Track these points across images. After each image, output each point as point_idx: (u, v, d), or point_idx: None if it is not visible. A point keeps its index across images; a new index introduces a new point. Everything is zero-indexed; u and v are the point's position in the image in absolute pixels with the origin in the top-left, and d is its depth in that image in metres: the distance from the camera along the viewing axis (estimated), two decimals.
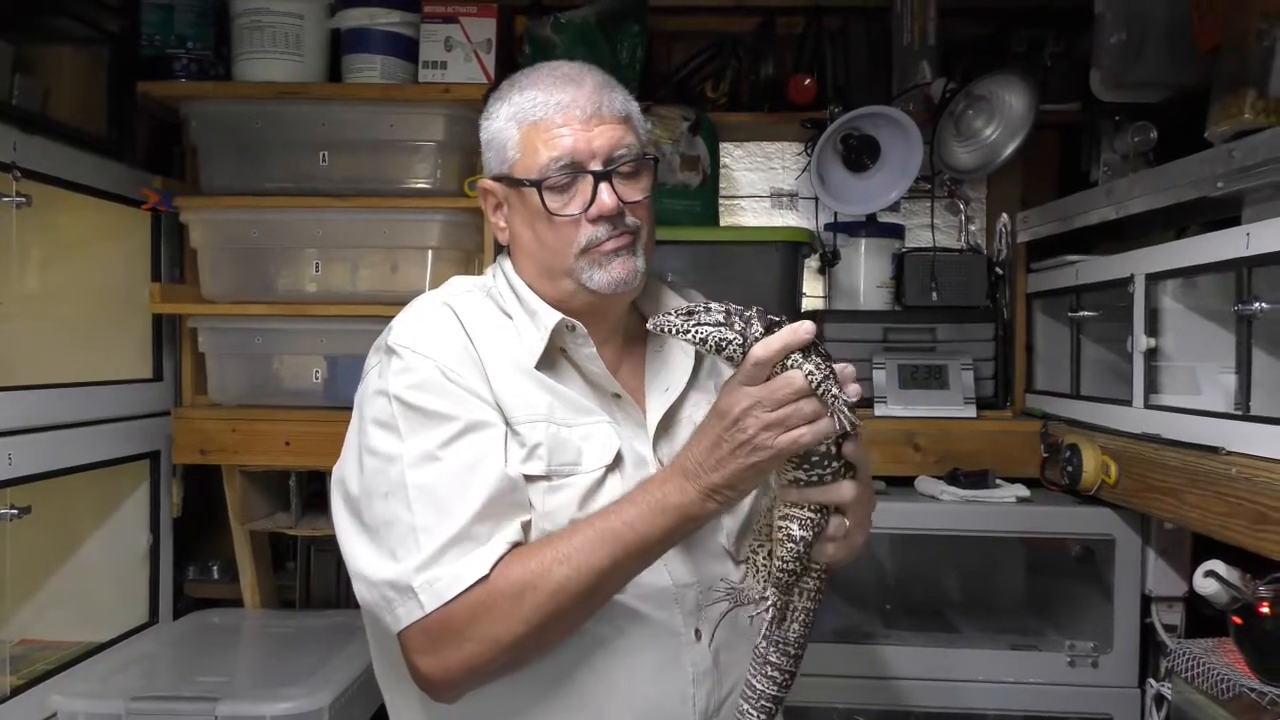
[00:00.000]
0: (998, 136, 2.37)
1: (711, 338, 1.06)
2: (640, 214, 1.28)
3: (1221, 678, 1.52)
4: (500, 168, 1.29)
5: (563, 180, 1.23)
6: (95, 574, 2.33)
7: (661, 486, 1.11)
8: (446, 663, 1.12)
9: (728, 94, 2.58)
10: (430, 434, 1.16)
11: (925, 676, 2.16)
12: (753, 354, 1.05)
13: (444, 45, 2.29)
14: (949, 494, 2.18)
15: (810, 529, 1.11)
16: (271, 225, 2.30)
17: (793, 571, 1.12)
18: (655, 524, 1.11)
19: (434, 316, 1.26)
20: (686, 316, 1.07)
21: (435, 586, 1.10)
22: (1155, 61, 2.12)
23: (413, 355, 1.20)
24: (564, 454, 1.21)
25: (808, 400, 1.06)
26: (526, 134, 1.25)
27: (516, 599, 1.10)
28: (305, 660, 2.06)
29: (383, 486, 1.16)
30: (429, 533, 1.12)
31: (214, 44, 2.36)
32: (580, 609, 1.13)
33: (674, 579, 1.23)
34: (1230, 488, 1.51)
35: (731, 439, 1.07)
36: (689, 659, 1.23)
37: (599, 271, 1.25)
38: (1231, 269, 1.56)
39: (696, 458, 1.10)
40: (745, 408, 1.06)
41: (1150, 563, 2.09)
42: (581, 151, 1.23)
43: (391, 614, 1.13)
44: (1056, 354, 2.35)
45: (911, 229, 2.64)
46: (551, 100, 1.24)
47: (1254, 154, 1.50)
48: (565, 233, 1.24)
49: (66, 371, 2.12)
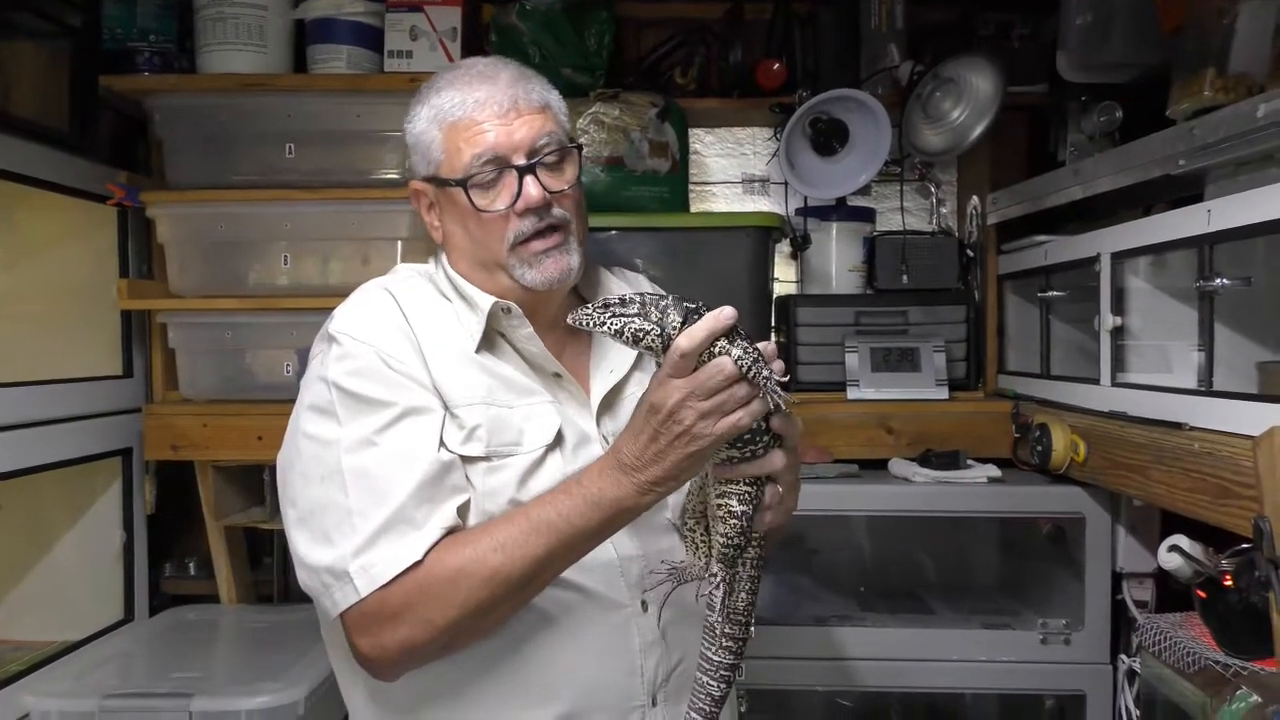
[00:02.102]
0: (965, 119, 2.38)
1: (628, 329, 1.06)
2: (568, 205, 1.29)
3: (1187, 651, 1.54)
4: (427, 169, 1.31)
5: (488, 177, 1.25)
6: (69, 573, 2.32)
7: (598, 480, 1.12)
8: (383, 643, 1.14)
9: (697, 80, 2.57)
10: (367, 420, 1.17)
11: (901, 657, 2.17)
12: (678, 345, 1.05)
13: (409, 34, 2.27)
14: (921, 476, 2.19)
15: (749, 503, 1.13)
16: (239, 219, 2.28)
17: (737, 546, 1.13)
18: (591, 517, 1.12)
19: (375, 303, 1.27)
20: (602, 309, 1.07)
21: (371, 571, 1.12)
22: (1121, 43, 2.13)
23: (352, 342, 1.21)
24: (504, 435, 1.23)
25: (739, 384, 1.06)
26: (448, 134, 1.27)
27: (451, 584, 1.11)
28: (282, 655, 2.05)
29: (319, 471, 1.17)
30: (364, 516, 1.13)
31: (177, 37, 2.34)
32: (515, 596, 1.15)
33: (619, 552, 1.25)
34: (1194, 463, 1.53)
35: (669, 431, 1.07)
36: (636, 630, 1.25)
37: (530, 270, 1.27)
38: (1193, 246, 1.57)
39: (634, 452, 1.10)
40: (679, 400, 1.06)
41: (1120, 540, 2.11)
42: (503, 146, 1.24)
43: (330, 598, 1.14)
44: (1027, 335, 2.36)
45: (882, 212, 2.64)
46: (469, 98, 1.26)
47: (1214, 131, 1.51)
48: (494, 228, 1.26)
49: (35, 369, 2.10)
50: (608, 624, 1.24)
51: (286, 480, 1.22)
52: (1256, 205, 1.40)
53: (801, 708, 2.24)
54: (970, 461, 2.24)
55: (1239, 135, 1.45)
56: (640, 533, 1.26)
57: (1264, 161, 1.47)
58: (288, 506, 1.22)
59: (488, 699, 1.21)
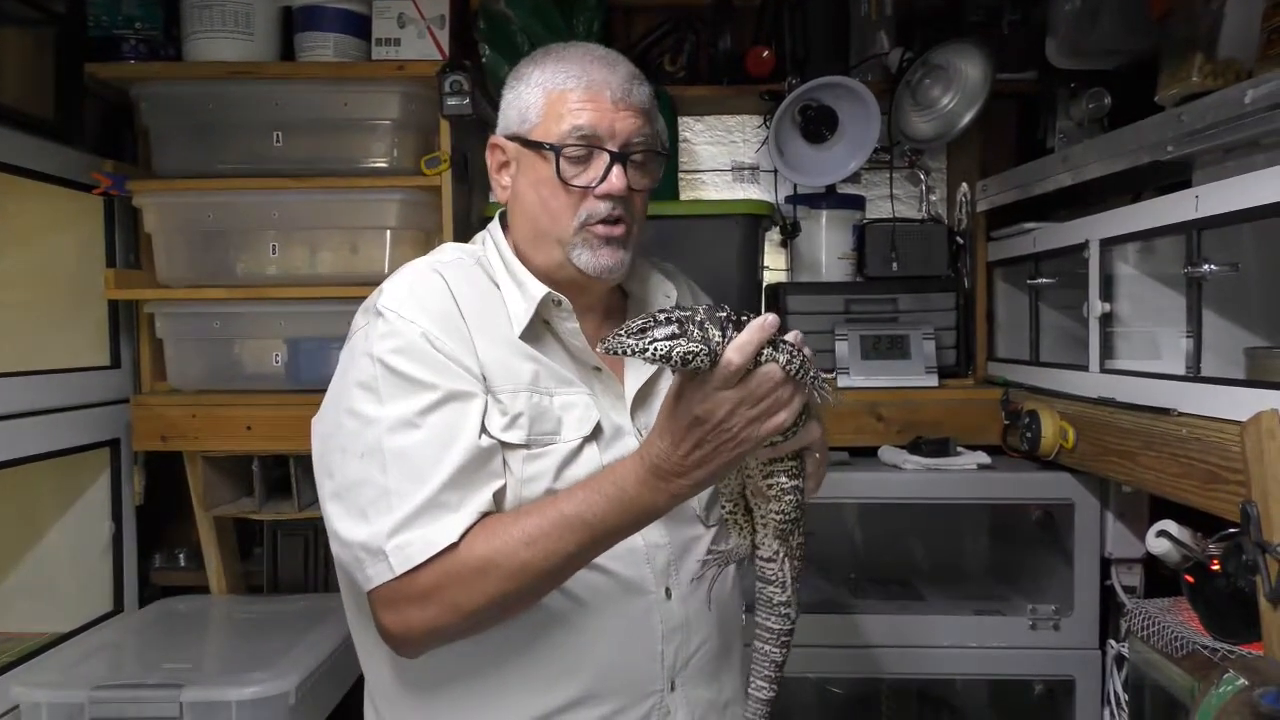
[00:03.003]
0: (955, 106, 2.39)
1: (675, 353, 1.03)
2: (638, 205, 1.31)
3: (1176, 636, 1.55)
4: (518, 127, 1.30)
5: (579, 152, 1.26)
6: (58, 564, 2.31)
7: (634, 486, 1.12)
8: (409, 622, 1.15)
9: (686, 67, 2.57)
10: (410, 400, 1.17)
11: (893, 644, 2.18)
12: (729, 361, 1.05)
13: (397, 22, 2.26)
14: (912, 463, 2.19)
15: (797, 476, 1.17)
16: (227, 208, 2.27)
17: (794, 519, 1.19)
18: (623, 519, 1.13)
19: (423, 282, 1.27)
20: (639, 335, 1.04)
21: (405, 551, 1.13)
22: (1109, 29, 2.13)
23: (399, 319, 1.21)
24: (544, 424, 1.24)
25: (784, 386, 1.08)
26: (553, 101, 1.27)
27: (480, 573, 1.13)
28: (272, 645, 2.05)
29: (359, 447, 1.17)
30: (401, 497, 1.14)
31: (163, 24, 2.31)
32: (541, 588, 1.17)
33: (646, 540, 1.26)
34: (1182, 448, 1.53)
35: (716, 438, 1.08)
36: (659, 616, 1.27)
37: (588, 253, 1.28)
38: (1182, 232, 1.57)
39: (674, 460, 1.10)
40: (729, 410, 1.07)
41: (1109, 525, 2.12)
42: (603, 130, 1.26)
43: (363, 573, 1.16)
44: (1016, 322, 2.37)
45: (872, 200, 2.65)
46: (586, 76, 1.27)
47: (1202, 117, 1.51)
48: (569, 202, 1.27)
49: (22, 360, 2.09)
50: (632, 609, 1.25)
51: (325, 450, 1.22)
52: (1244, 191, 1.40)
53: (793, 695, 2.25)
54: (960, 449, 2.24)
55: (1227, 121, 1.45)
56: (667, 521, 1.28)
57: (1251, 147, 1.47)
58: (324, 477, 1.22)
59: (508, 678, 1.23)
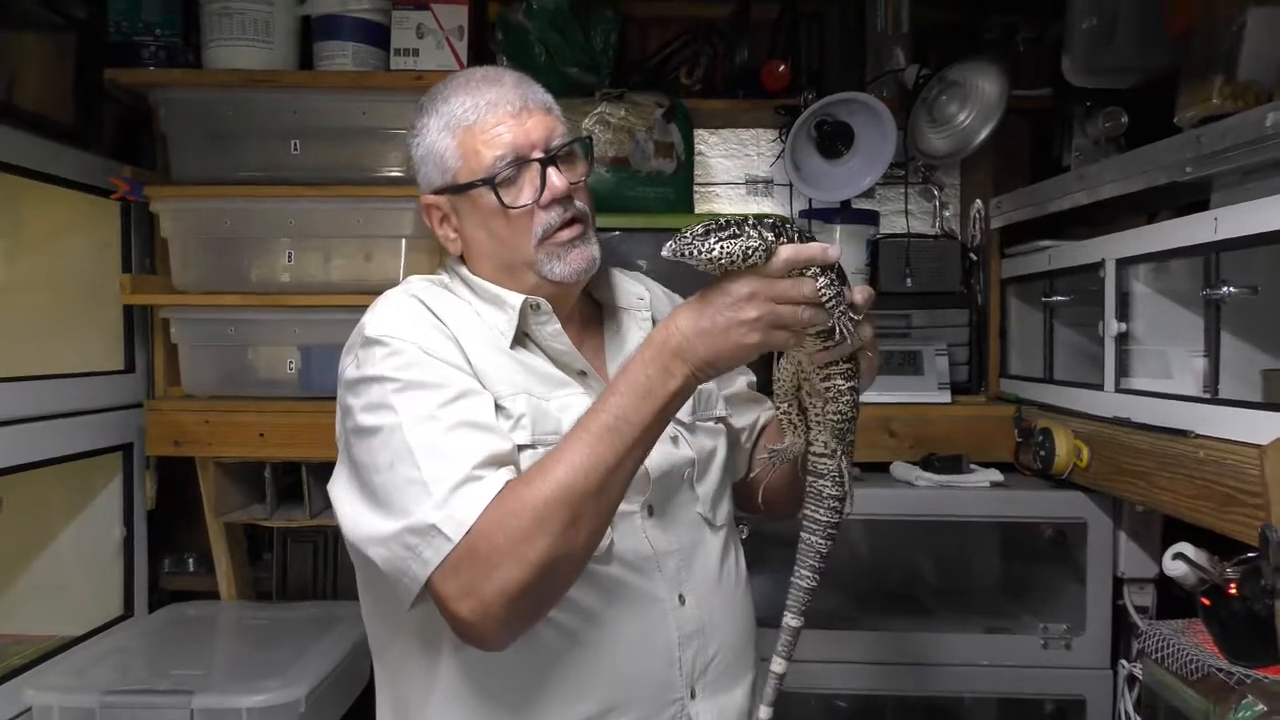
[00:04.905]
0: (970, 122, 2.38)
1: (738, 247, 1.05)
2: (583, 197, 1.31)
3: (1190, 658, 1.54)
4: (442, 179, 1.31)
5: (510, 173, 1.26)
6: (69, 568, 2.32)
7: (645, 370, 1.12)
8: (483, 596, 1.10)
9: (702, 80, 2.57)
10: (426, 397, 1.17)
11: (901, 661, 2.17)
12: (783, 252, 1.07)
13: (416, 32, 2.27)
14: (924, 480, 2.19)
15: (853, 377, 1.19)
16: (243, 215, 2.27)
17: (852, 418, 1.21)
18: (644, 409, 1.11)
19: (405, 306, 1.27)
20: (703, 237, 1.06)
21: (456, 516, 1.10)
22: (1126, 47, 2.13)
23: (395, 340, 1.21)
24: (545, 423, 1.24)
25: (810, 310, 1.09)
26: (462, 140, 1.28)
27: (533, 512, 1.09)
28: (281, 652, 2.05)
29: (386, 458, 1.16)
30: (439, 481, 1.12)
31: (183, 31, 2.33)
32: (595, 509, 1.12)
33: (655, 547, 1.27)
34: (1199, 470, 1.53)
35: (732, 313, 1.08)
36: (674, 623, 1.26)
37: (558, 263, 1.28)
38: (1200, 254, 1.57)
39: (687, 331, 1.10)
40: (752, 290, 1.07)
41: (1122, 545, 2.12)
42: (522, 144, 1.26)
43: (419, 559, 1.11)
44: (1030, 339, 2.36)
45: (886, 215, 2.65)
46: (480, 101, 1.27)
47: (1221, 139, 1.51)
48: (521, 225, 1.27)
49: (37, 364, 2.09)
50: (646, 618, 1.25)
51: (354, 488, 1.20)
52: (1264, 215, 1.40)
53: (799, 711, 2.24)
54: (973, 465, 2.24)
55: (1247, 143, 1.45)
56: (674, 526, 1.29)
57: (1272, 170, 1.47)
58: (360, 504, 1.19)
59: (531, 696, 1.22)
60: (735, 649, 1.34)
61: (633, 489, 1.18)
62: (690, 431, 1.35)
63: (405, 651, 1.27)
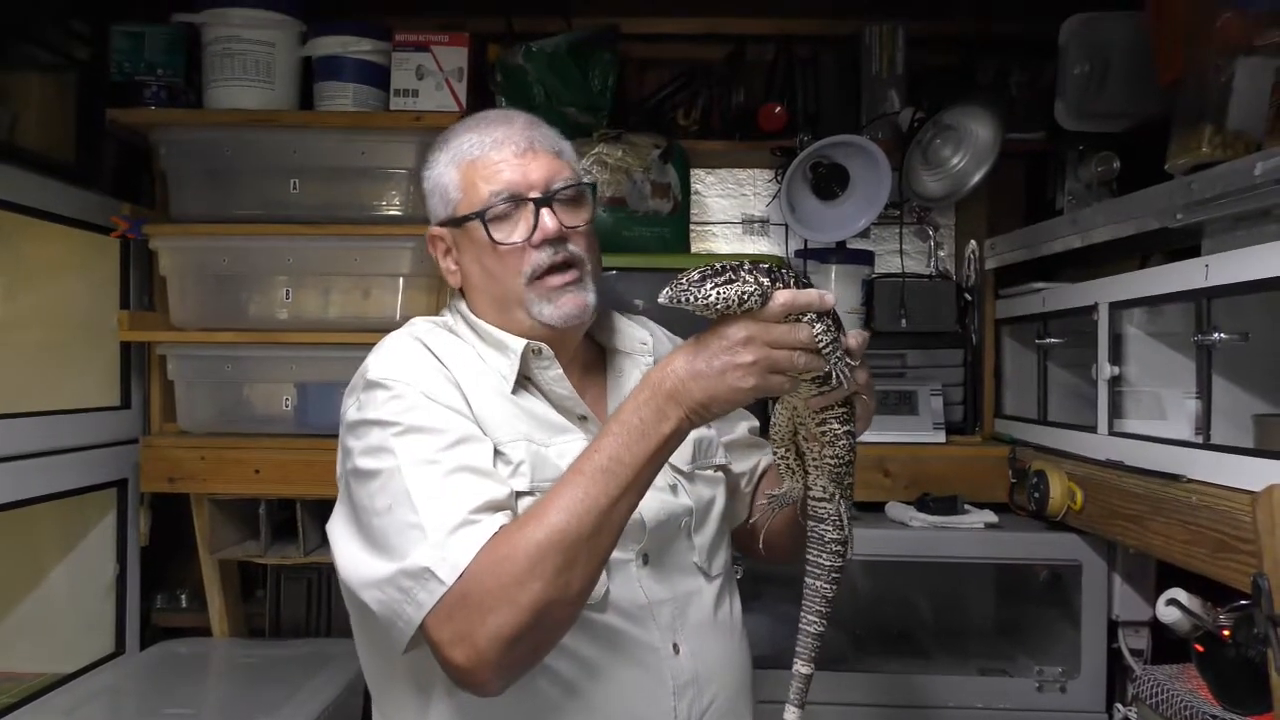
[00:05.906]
0: (965, 165, 2.40)
1: (733, 292, 1.06)
2: (582, 243, 1.32)
3: (1184, 704, 1.54)
4: (445, 211, 1.33)
5: (505, 210, 1.28)
6: (60, 604, 2.31)
7: (639, 411, 1.12)
8: (476, 642, 1.08)
9: (699, 121, 2.60)
10: (427, 441, 1.17)
11: (895, 703, 2.16)
12: (780, 297, 1.08)
13: (415, 73, 2.30)
14: (918, 520, 2.19)
15: (849, 421, 1.20)
16: (242, 252, 2.29)
17: (849, 462, 1.21)
18: (639, 450, 1.11)
19: (408, 350, 1.28)
20: (699, 283, 1.07)
21: (450, 559, 1.09)
22: (1118, 92, 2.16)
23: (396, 384, 1.22)
24: (544, 470, 1.23)
25: (805, 355, 1.10)
26: (466, 173, 1.31)
27: (526, 556, 1.08)
28: (275, 690, 2.04)
29: (385, 502, 1.16)
30: (435, 525, 1.12)
31: (184, 71, 2.35)
32: (590, 552, 1.11)
33: (649, 596, 1.26)
34: (1192, 515, 1.53)
35: (728, 356, 1.08)
36: (669, 672, 1.26)
37: (549, 306, 1.29)
38: (1191, 299, 1.58)
39: (682, 373, 1.10)
40: (749, 335, 1.08)
41: (1116, 588, 2.11)
42: (519, 183, 1.28)
43: (413, 602, 1.10)
44: (1024, 380, 2.37)
45: (881, 255, 2.66)
46: (486, 139, 1.31)
47: (1212, 187, 1.52)
48: (511, 262, 1.29)
49: (33, 399, 2.10)
50: (641, 667, 1.24)
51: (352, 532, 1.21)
52: (1255, 262, 1.41)
53: None
54: (967, 506, 2.24)
55: (1237, 191, 1.46)
56: (668, 575, 1.29)
57: (1262, 217, 1.49)
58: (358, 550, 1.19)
59: None
60: (731, 695, 1.34)
61: (629, 537, 1.18)
62: (689, 480, 1.35)
63: (399, 697, 1.27)
